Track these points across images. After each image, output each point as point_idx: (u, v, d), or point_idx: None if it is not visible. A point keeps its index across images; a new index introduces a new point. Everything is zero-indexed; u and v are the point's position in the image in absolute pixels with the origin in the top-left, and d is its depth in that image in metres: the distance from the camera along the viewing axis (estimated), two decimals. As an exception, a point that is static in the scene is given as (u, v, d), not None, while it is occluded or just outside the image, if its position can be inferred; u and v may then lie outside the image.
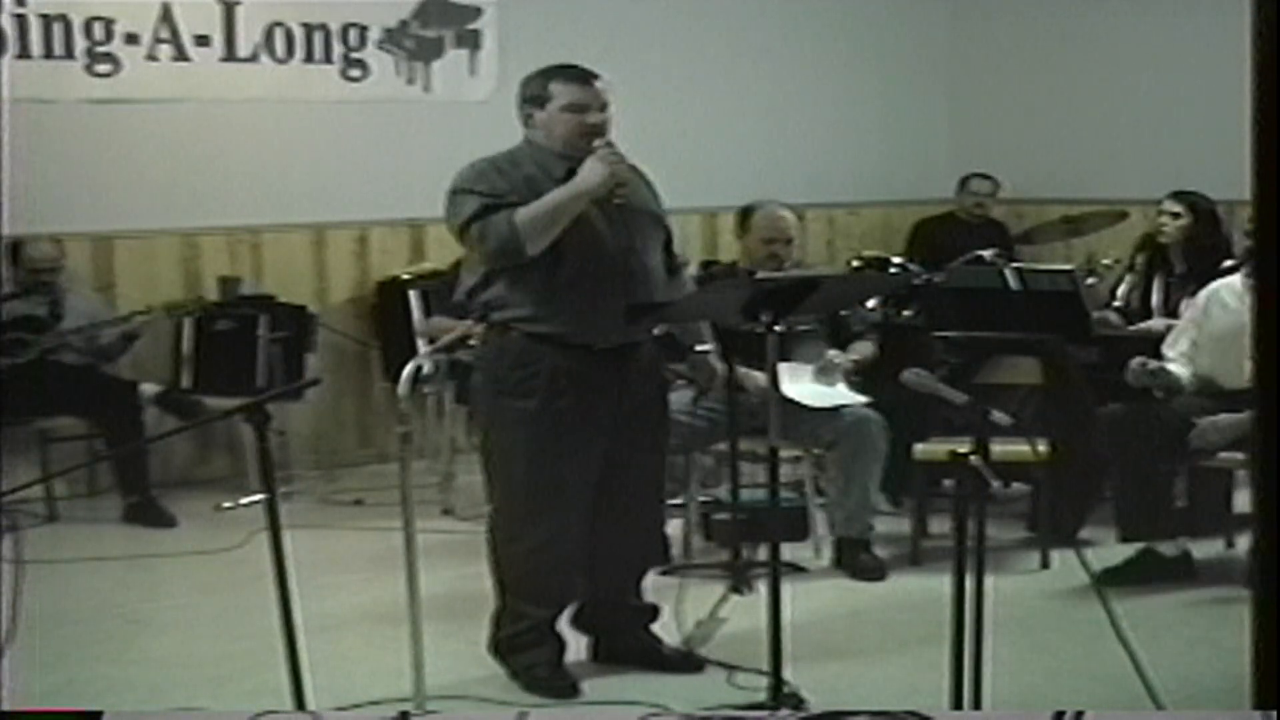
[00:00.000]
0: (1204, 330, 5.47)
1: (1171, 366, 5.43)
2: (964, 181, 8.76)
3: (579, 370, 4.21)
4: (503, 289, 4.22)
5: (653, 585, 4.70)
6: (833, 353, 5.72)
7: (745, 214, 5.88)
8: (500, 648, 4.41)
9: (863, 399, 5.63)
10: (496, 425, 4.29)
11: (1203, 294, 5.59)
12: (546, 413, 4.19)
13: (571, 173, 4.19)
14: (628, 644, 4.55)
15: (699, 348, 4.62)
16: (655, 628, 4.59)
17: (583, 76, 4.27)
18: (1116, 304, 6.67)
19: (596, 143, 4.20)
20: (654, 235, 4.40)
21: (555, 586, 4.40)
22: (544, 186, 4.17)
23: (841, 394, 5.64)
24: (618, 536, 4.42)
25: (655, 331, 4.46)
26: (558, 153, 4.25)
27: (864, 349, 5.88)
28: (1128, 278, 6.75)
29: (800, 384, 5.55)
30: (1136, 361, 5.33)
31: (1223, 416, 5.21)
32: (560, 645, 4.43)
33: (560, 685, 4.34)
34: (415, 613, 3.83)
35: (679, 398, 5.58)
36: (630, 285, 4.24)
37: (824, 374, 5.66)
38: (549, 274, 4.17)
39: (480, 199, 4.16)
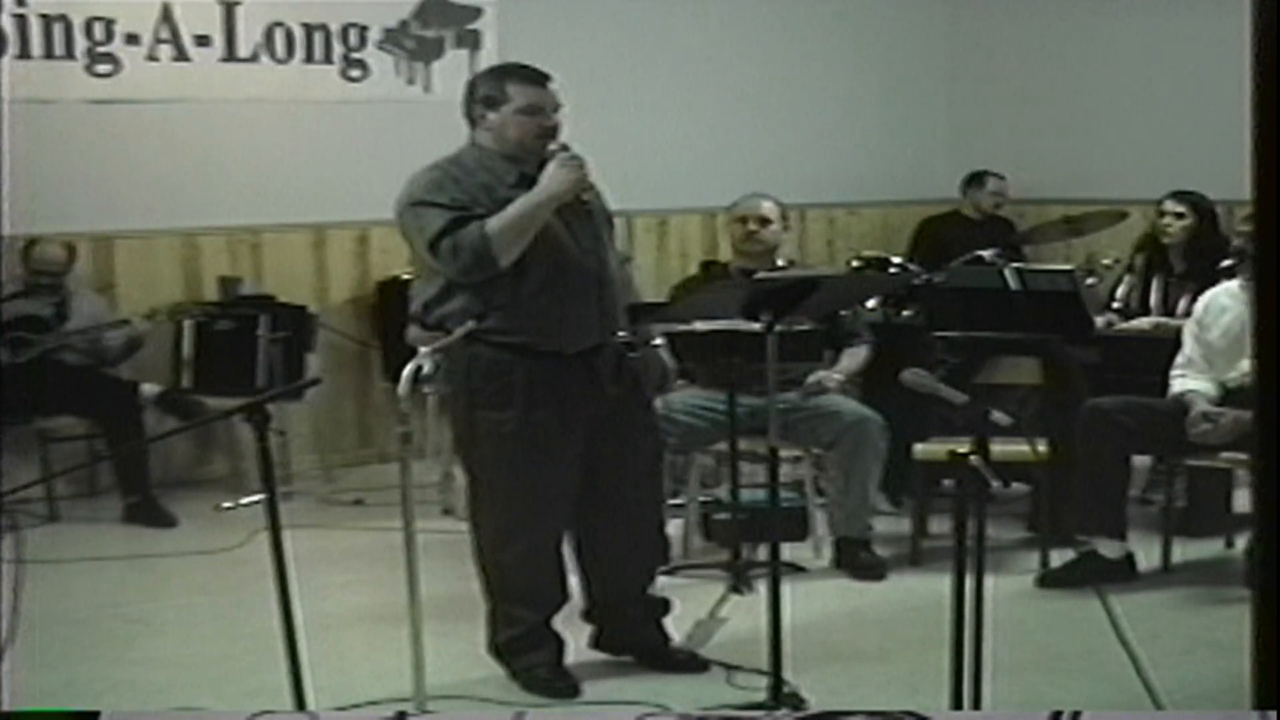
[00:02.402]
0: (1206, 339, 5.41)
1: (1194, 384, 5.31)
2: (978, 180, 8.69)
3: (552, 378, 4.16)
4: (467, 301, 4.12)
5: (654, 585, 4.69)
6: (821, 374, 5.69)
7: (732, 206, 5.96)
8: (500, 650, 4.40)
9: None
10: (474, 437, 4.23)
11: (1200, 303, 5.53)
12: (524, 424, 4.15)
13: (524, 177, 4.13)
14: (636, 638, 4.54)
15: (653, 344, 4.60)
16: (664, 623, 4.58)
17: (539, 78, 4.21)
18: (1116, 305, 6.66)
19: (551, 146, 4.15)
20: (609, 234, 4.37)
21: (544, 590, 4.38)
22: (501, 194, 4.10)
23: None
24: (617, 536, 4.41)
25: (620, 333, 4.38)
26: (506, 155, 4.17)
27: (856, 357, 5.88)
28: (1126, 278, 6.74)
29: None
30: (1197, 413, 5.17)
31: (1226, 416, 5.16)
32: (559, 645, 4.42)
33: (561, 686, 4.33)
34: (415, 612, 3.82)
35: (680, 397, 5.60)
36: (596, 287, 4.22)
37: (810, 394, 5.63)
38: (516, 283, 4.11)
39: (445, 211, 4.07)
